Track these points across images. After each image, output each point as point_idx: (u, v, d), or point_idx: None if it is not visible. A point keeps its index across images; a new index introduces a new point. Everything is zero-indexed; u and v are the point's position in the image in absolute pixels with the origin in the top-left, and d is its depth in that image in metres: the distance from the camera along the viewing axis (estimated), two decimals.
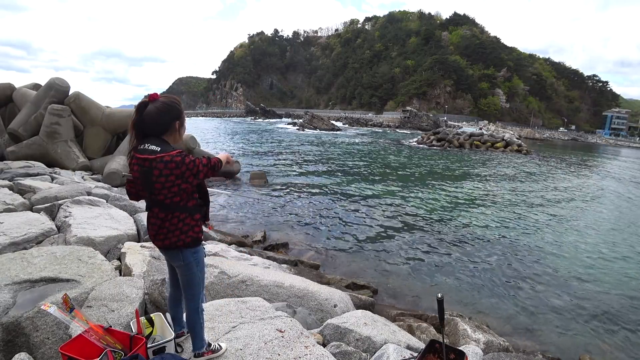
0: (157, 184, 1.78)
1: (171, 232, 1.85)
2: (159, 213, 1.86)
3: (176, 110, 1.90)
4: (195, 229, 1.90)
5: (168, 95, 1.94)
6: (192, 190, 1.89)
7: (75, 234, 3.83)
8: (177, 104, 1.92)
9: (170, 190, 1.79)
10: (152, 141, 1.82)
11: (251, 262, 4.86)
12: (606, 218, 11.60)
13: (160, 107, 1.84)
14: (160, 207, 1.85)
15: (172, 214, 1.85)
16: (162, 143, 1.82)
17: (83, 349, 1.69)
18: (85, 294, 2.56)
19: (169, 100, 1.89)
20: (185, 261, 1.91)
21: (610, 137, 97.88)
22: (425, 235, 8.43)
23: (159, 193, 1.80)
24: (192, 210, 1.89)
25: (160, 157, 1.75)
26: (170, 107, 1.87)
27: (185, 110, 2.08)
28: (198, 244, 1.93)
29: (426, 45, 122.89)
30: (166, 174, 1.75)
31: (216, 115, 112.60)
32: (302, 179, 14.81)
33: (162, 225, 1.86)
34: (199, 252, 1.96)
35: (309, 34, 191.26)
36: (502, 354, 3.07)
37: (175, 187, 1.79)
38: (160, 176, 1.76)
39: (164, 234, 1.86)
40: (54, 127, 9.81)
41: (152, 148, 1.78)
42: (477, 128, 42.02)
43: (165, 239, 1.87)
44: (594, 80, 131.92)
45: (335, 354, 2.44)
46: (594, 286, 6.37)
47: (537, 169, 23.08)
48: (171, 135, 1.90)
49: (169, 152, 1.76)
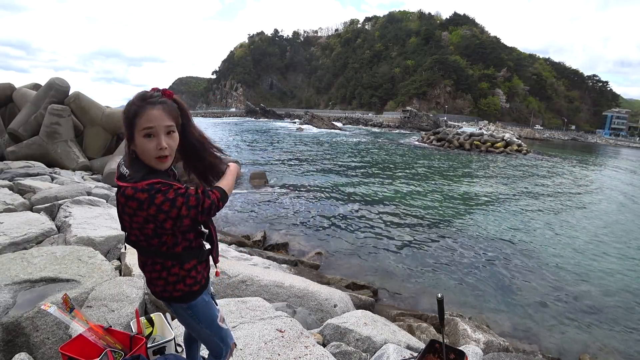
0: (124, 221, 1.28)
1: (154, 279, 1.35)
2: (139, 255, 1.38)
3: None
4: (187, 280, 1.35)
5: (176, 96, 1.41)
6: (184, 231, 1.31)
7: (75, 234, 3.83)
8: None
9: (142, 233, 1.26)
10: (127, 156, 1.30)
11: (251, 262, 4.86)
12: (607, 218, 11.60)
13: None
14: (136, 249, 1.35)
15: (152, 259, 1.33)
16: (133, 163, 1.26)
17: (83, 349, 1.69)
18: (85, 294, 2.56)
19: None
20: (179, 316, 1.45)
21: (610, 137, 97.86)
22: (425, 235, 8.43)
23: (129, 233, 1.31)
24: (183, 257, 1.33)
25: (123, 188, 1.21)
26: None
27: None
28: (193, 298, 1.38)
29: (426, 45, 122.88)
30: (129, 212, 1.21)
31: (216, 116, 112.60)
32: (302, 179, 14.81)
33: (143, 267, 1.38)
34: (197, 305, 1.41)
35: (309, 34, 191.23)
36: (502, 354, 3.07)
37: (148, 230, 1.25)
38: (123, 213, 1.25)
39: (147, 277, 1.38)
40: (54, 127, 9.81)
41: (122, 170, 1.27)
42: (477, 128, 41.99)
43: (150, 284, 1.39)
44: (594, 80, 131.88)
45: (335, 354, 2.44)
46: (594, 286, 6.38)
47: (537, 169, 23.08)
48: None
49: (135, 183, 1.18)
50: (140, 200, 1.17)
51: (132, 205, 1.19)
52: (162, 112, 1.23)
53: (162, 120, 1.23)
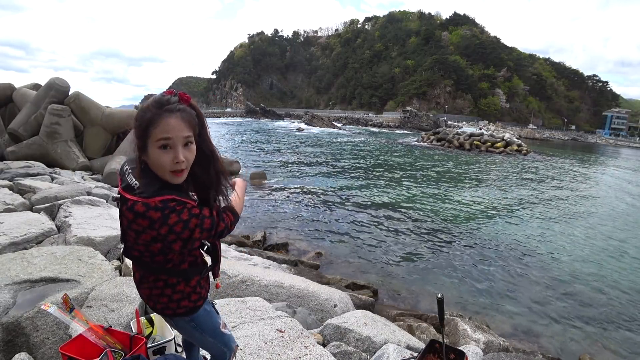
0: (129, 236, 1.17)
1: (155, 296, 1.28)
2: (136, 270, 1.30)
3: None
4: (192, 296, 1.30)
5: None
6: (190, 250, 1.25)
7: (75, 234, 3.83)
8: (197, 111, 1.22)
9: (147, 249, 1.18)
10: (134, 167, 1.18)
11: (251, 262, 4.86)
12: (608, 218, 11.60)
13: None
14: (137, 264, 1.27)
15: (155, 277, 1.25)
16: (144, 175, 1.14)
17: (83, 349, 1.68)
18: (85, 294, 2.56)
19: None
20: (181, 329, 1.41)
21: (610, 137, 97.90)
22: (425, 235, 8.43)
23: (132, 248, 1.21)
24: (189, 274, 1.28)
25: (131, 202, 1.10)
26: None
27: None
28: (196, 311, 1.35)
29: (426, 45, 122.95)
30: (136, 229, 1.11)
31: (216, 116, 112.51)
32: (302, 179, 14.82)
33: (140, 283, 1.30)
34: (200, 317, 1.37)
35: (309, 34, 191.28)
36: (502, 354, 3.07)
37: (154, 248, 1.17)
38: (128, 228, 1.14)
39: (146, 295, 1.30)
40: (54, 127, 9.81)
41: (130, 181, 1.15)
42: (477, 128, 42.00)
43: (149, 301, 1.31)
44: (594, 80, 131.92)
45: (335, 354, 2.44)
46: (594, 286, 6.38)
47: (536, 169, 23.08)
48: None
49: (146, 198, 1.08)
50: (153, 219, 1.07)
51: (142, 224, 1.09)
52: (181, 122, 1.11)
53: (180, 130, 1.11)
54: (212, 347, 1.48)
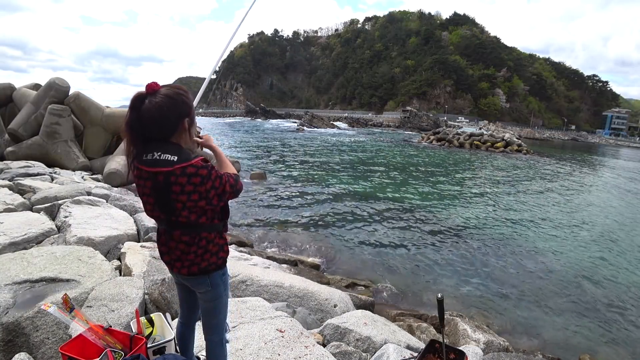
0: (178, 203, 1.38)
1: (199, 256, 1.51)
2: (181, 236, 1.49)
3: (184, 105, 1.45)
4: (225, 247, 1.60)
5: (171, 85, 1.49)
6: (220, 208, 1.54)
7: (75, 234, 3.83)
8: (184, 95, 1.46)
9: (192, 211, 1.41)
10: (162, 147, 1.39)
11: (251, 262, 4.86)
12: (606, 218, 11.59)
13: (162, 102, 1.38)
14: (183, 229, 1.47)
15: (199, 236, 1.49)
16: (176, 149, 1.40)
17: (83, 349, 1.69)
18: (85, 294, 2.56)
19: (173, 92, 1.43)
20: (214, 286, 1.60)
21: (610, 137, 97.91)
22: (425, 235, 8.43)
23: (179, 214, 1.42)
24: (219, 228, 1.56)
25: (181, 167, 1.34)
26: (175, 101, 1.41)
27: None
28: (226, 263, 1.63)
29: (426, 45, 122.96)
30: (189, 190, 1.36)
31: (216, 115, 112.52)
32: (302, 179, 14.81)
33: (187, 250, 1.50)
34: (227, 271, 1.67)
35: (308, 34, 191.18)
36: (502, 354, 3.07)
37: (198, 208, 1.42)
38: (181, 193, 1.36)
39: (190, 260, 1.51)
40: (54, 127, 9.81)
41: (167, 157, 1.36)
42: (477, 128, 42.01)
43: (193, 265, 1.52)
44: (594, 80, 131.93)
45: (335, 354, 2.44)
46: (594, 286, 6.37)
47: (537, 169, 23.08)
48: (180, 137, 1.46)
49: (190, 162, 1.35)
50: (203, 175, 1.37)
51: (196, 182, 1.36)
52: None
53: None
54: (224, 311, 1.71)
